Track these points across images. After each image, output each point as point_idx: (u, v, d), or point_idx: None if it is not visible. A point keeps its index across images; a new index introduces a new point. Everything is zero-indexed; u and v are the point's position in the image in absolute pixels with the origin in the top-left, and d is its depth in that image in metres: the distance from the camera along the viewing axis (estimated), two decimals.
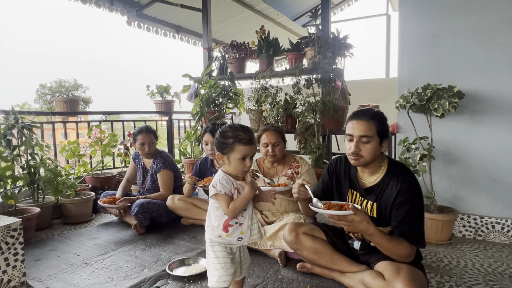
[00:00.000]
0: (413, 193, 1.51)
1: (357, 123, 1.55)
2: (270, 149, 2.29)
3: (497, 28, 2.40)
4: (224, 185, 1.36)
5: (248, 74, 3.55)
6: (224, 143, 1.37)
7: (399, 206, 1.50)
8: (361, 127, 1.53)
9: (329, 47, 2.98)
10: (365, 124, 1.53)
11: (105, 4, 4.46)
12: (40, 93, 4.10)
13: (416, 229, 1.50)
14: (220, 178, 1.39)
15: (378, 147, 1.56)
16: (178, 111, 4.70)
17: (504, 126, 2.41)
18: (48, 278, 1.95)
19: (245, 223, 1.42)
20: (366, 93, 4.91)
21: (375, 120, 1.55)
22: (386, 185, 1.56)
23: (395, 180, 1.54)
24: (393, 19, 6.64)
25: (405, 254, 1.48)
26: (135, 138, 2.93)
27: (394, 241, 1.47)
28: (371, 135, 1.53)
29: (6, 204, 2.66)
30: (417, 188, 1.54)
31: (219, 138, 1.39)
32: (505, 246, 2.36)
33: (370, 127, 1.53)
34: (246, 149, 1.36)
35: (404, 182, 1.52)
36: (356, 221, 1.39)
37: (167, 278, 1.90)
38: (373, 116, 1.55)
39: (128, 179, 3.12)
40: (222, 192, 1.36)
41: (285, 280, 1.86)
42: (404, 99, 2.45)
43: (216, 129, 2.67)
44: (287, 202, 2.34)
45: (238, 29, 6.13)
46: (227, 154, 1.37)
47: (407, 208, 1.49)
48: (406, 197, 1.50)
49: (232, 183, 1.39)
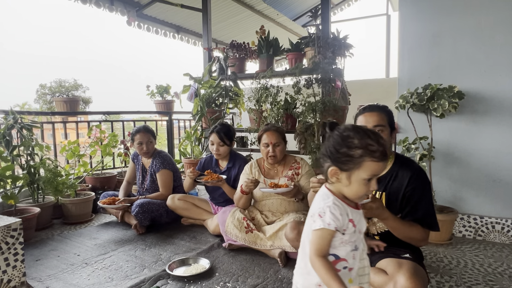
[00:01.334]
0: (423, 180, 1.57)
1: (369, 115, 1.63)
2: (271, 149, 2.28)
3: (497, 28, 2.40)
4: (337, 216, 0.97)
5: (248, 74, 3.55)
6: (348, 156, 0.98)
7: (412, 192, 1.55)
8: (375, 118, 1.61)
9: (329, 47, 2.98)
10: (378, 115, 1.61)
11: (105, 4, 4.46)
12: (40, 93, 4.09)
13: (429, 213, 1.55)
14: (331, 205, 0.99)
15: (389, 137, 1.63)
16: (178, 111, 4.70)
17: (504, 126, 2.41)
18: (48, 278, 1.95)
19: (355, 267, 1.05)
20: (366, 93, 4.90)
21: (385, 112, 1.64)
22: (395, 175, 1.61)
23: (404, 168, 1.59)
24: (393, 19, 6.64)
25: (419, 237, 1.52)
26: (133, 137, 2.94)
27: (407, 224, 1.52)
28: (384, 124, 1.61)
29: (6, 204, 2.66)
30: (426, 175, 1.60)
31: (338, 146, 1.00)
32: (505, 246, 2.36)
33: (382, 117, 1.61)
34: (378, 167, 0.98)
35: (414, 169, 1.58)
36: (374, 208, 1.43)
37: (167, 278, 1.90)
38: (383, 108, 1.65)
39: (129, 181, 3.12)
40: (332, 227, 0.96)
41: (285, 280, 1.86)
42: (403, 99, 2.45)
43: (227, 130, 2.68)
44: (287, 202, 2.34)
45: (238, 29, 6.13)
46: (348, 171, 0.99)
47: (419, 194, 1.54)
48: (418, 183, 1.55)
49: (347, 213, 1.00)
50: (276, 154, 2.29)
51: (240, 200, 2.35)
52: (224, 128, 2.71)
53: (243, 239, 2.21)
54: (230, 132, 2.72)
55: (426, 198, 1.55)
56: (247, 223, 2.25)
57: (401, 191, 1.58)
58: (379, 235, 1.66)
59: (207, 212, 2.79)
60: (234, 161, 2.73)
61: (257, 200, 2.42)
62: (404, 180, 1.57)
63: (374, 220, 1.66)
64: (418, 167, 1.61)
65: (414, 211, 1.55)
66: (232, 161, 2.74)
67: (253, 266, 2.04)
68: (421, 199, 1.54)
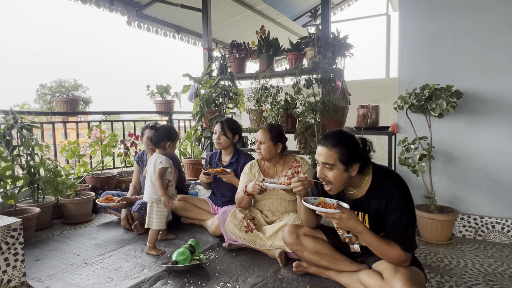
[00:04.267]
0: (402, 200, 1.50)
1: (320, 149, 1.54)
2: (256, 146, 2.33)
3: (497, 28, 2.40)
4: None
5: (248, 74, 3.56)
6: None
7: (390, 213, 1.52)
8: (323, 154, 1.51)
9: (329, 47, 2.98)
10: (327, 152, 1.50)
11: (105, 4, 4.46)
12: (40, 93, 4.10)
13: (406, 235, 1.50)
14: None
15: (344, 173, 1.51)
16: (178, 111, 4.71)
17: (504, 126, 2.41)
18: (48, 278, 1.95)
19: None
20: (366, 93, 4.91)
21: (338, 147, 1.49)
22: (373, 197, 1.56)
23: (381, 190, 1.54)
24: (393, 19, 6.64)
25: (396, 258, 1.49)
26: (143, 132, 2.96)
27: (384, 242, 1.49)
28: (333, 163, 1.49)
29: (6, 204, 2.66)
30: (405, 193, 1.52)
31: None
32: (505, 246, 2.36)
33: (331, 155, 1.49)
34: None
35: (391, 190, 1.52)
36: (344, 218, 1.44)
37: (167, 278, 1.90)
38: (335, 144, 1.50)
39: (135, 186, 3.02)
40: None
41: (285, 280, 1.86)
42: (402, 100, 2.45)
43: (230, 122, 2.72)
44: (287, 202, 2.34)
45: (238, 29, 6.14)
46: None
47: (397, 215, 1.50)
48: (396, 204, 1.50)
49: None
50: (261, 151, 2.31)
51: (242, 201, 2.35)
52: (229, 120, 2.78)
53: (243, 239, 2.21)
54: (233, 125, 2.76)
55: (403, 219, 1.49)
56: (247, 223, 2.25)
57: (381, 212, 1.54)
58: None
59: (207, 212, 2.79)
60: (238, 156, 2.75)
61: (258, 200, 2.42)
62: (382, 202, 1.53)
63: None
64: (395, 187, 1.52)
65: (393, 232, 1.51)
66: (236, 156, 2.75)
67: (253, 266, 2.04)
68: (399, 221, 1.49)
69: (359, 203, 1.62)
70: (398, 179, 1.56)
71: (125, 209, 2.79)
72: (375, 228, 1.58)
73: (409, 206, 1.51)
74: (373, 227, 1.59)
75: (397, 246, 1.49)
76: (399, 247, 1.49)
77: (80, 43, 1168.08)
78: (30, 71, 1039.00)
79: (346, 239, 1.71)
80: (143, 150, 3.14)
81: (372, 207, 1.57)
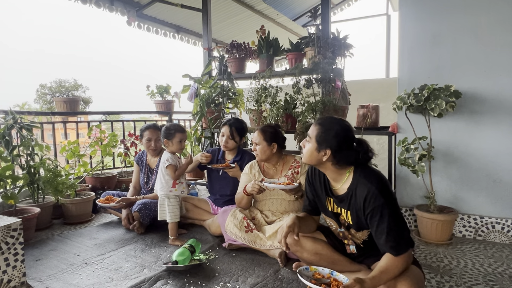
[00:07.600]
0: (379, 199, 1.46)
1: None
2: (253, 147, 2.35)
3: (497, 28, 2.40)
4: None
5: (248, 74, 3.55)
6: None
7: (370, 215, 1.49)
8: (311, 127, 1.66)
9: (329, 47, 2.98)
10: (313, 126, 1.65)
11: (105, 4, 4.46)
12: (40, 93, 4.10)
13: (393, 238, 1.44)
14: None
15: (314, 151, 1.60)
16: (178, 111, 4.70)
17: (504, 126, 2.41)
18: (48, 278, 1.95)
19: None
20: (366, 93, 4.90)
21: (320, 126, 1.61)
22: (353, 194, 1.56)
23: (360, 187, 1.52)
24: (393, 19, 6.64)
25: (401, 268, 1.43)
26: (142, 133, 2.94)
27: (389, 269, 1.42)
28: (311, 136, 1.63)
29: (6, 204, 2.67)
30: (384, 192, 1.47)
31: None
32: (505, 246, 2.36)
33: (314, 129, 1.62)
34: None
35: (368, 189, 1.48)
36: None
37: (167, 278, 1.90)
38: (320, 123, 1.64)
39: (135, 186, 3.03)
40: None
41: (285, 280, 1.86)
42: (401, 100, 2.45)
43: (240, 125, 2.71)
44: (287, 202, 2.34)
45: (238, 29, 6.14)
46: None
47: (377, 217, 1.46)
48: (375, 205, 1.46)
49: None
50: (257, 152, 2.33)
51: (242, 201, 2.35)
52: (238, 123, 2.74)
53: (242, 239, 2.21)
54: (243, 128, 2.74)
55: (385, 218, 1.44)
56: (247, 223, 2.25)
57: (361, 210, 1.53)
58: (363, 242, 1.66)
59: (207, 212, 2.79)
60: (242, 155, 2.75)
61: (258, 200, 2.42)
62: (360, 201, 1.51)
63: (352, 231, 1.65)
64: (373, 185, 1.48)
65: (379, 239, 1.47)
66: (239, 155, 2.75)
67: (253, 266, 2.04)
68: (381, 223, 1.45)
69: (342, 200, 1.63)
70: (377, 177, 1.52)
71: (126, 209, 2.78)
72: (359, 224, 1.58)
73: (390, 205, 1.46)
74: (357, 224, 1.60)
75: (391, 260, 1.42)
76: (392, 256, 1.42)
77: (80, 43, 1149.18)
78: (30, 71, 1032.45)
79: (340, 234, 1.73)
80: (143, 150, 3.13)
81: (353, 205, 1.57)
